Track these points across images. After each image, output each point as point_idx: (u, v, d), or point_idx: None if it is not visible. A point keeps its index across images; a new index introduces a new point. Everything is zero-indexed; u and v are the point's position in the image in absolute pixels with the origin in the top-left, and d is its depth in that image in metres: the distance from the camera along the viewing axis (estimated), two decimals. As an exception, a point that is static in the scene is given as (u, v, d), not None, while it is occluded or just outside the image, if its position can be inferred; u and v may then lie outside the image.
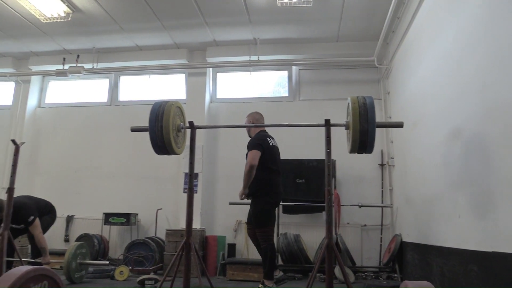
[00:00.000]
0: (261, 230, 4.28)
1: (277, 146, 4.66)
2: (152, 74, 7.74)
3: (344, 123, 3.18)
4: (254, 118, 4.73)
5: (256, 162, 4.23)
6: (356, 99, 3.00)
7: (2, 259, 3.95)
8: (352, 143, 2.99)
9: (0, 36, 7.14)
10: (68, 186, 7.55)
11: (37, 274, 1.77)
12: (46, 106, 8.20)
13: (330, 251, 2.90)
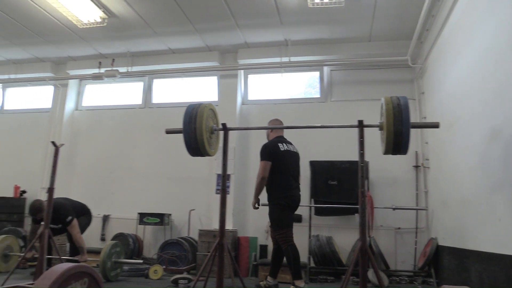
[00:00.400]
0: (279, 233, 4.43)
1: (293, 151, 4.79)
2: (184, 76, 7.85)
3: (377, 124, 3.13)
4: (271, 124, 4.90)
5: (266, 174, 4.45)
6: (390, 100, 2.95)
7: (43, 256, 4.11)
8: (386, 145, 2.94)
9: (40, 42, 7.42)
10: (104, 186, 7.76)
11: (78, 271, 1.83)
12: (83, 108, 8.46)
13: (364, 254, 2.86)
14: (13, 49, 7.79)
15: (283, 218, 4.48)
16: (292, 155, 4.72)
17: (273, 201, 4.51)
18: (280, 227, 4.44)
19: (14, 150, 8.54)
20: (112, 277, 5.14)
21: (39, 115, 8.56)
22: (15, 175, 8.21)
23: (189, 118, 3.11)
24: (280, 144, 4.64)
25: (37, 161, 8.09)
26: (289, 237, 4.42)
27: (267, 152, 4.55)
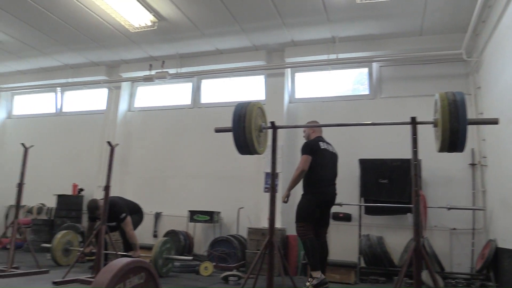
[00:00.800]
0: (299, 225, 4.59)
1: (332, 151, 4.91)
2: (232, 76, 7.94)
3: (432, 120, 3.02)
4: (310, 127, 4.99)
5: (306, 167, 4.59)
6: (445, 96, 2.84)
7: (100, 251, 4.30)
8: (442, 142, 2.83)
9: (95, 47, 7.77)
10: (155, 185, 8.00)
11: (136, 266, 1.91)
12: (135, 110, 8.76)
13: (418, 254, 2.78)
14: (70, 54, 8.21)
15: (305, 211, 4.64)
16: (331, 155, 4.86)
17: (305, 195, 4.69)
18: (299, 220, 4.62)
19: (72, 150, 8.99)
20: (163, 273, 5.30)
21: (94, 117, 8.96)
22: (73, 174, 8.64)
23: (238, 117, 3.14)
24: (320, 143, 4.80)
25: (93, 161, 8.48)
26: (307, 231, 4.57)
27: (309, 147, 4.72)
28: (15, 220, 5.02)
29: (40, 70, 9.15)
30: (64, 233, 6.03)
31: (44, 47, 7.96)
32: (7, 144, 9.73)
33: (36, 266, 5.09)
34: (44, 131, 9.38)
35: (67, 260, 5.96)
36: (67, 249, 5.99)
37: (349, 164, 6.62)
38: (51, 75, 9.09)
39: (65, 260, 5.95)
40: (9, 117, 10.11)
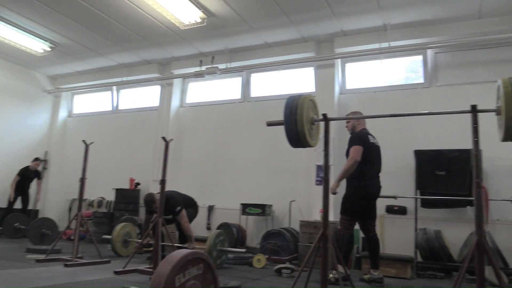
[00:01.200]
0: (342, 217, 4.61)
1: (378, 145, 4.87)
2: (281, 69, 7.92)
3: (494, 108, 2.86)
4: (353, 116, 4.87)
5: (359, 157, 4.54)
6: (508, 81, 2.67)
7: (158, 243, 4.45)
8: (505, 131, 2.67)
9: (147, 45, 8.01)
10: (208, 178, 8.16)
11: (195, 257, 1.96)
12: (187, 105, 8.96)
13: (480, 249, 2.65)
14: (124, 53, 8.52)
15: (350, 204, 4.62)
16: (377, 149, 4.85)
17: (351, 187, 4.66)
18: (342, 212, 4.64)
19: (128, 146, 9.37)
20: (217, 265, 5.41)
21: (148, 113, 9.27)
22: (130, 169, 9.01)
23: (290, 110, 3.12)
24: (369, 136, 4.79)
25: (148, 156, 8.78)
26: (349, 225, 4.57)
27: (360, 139, 4.68)
28: (78, 213, 5.30)
29: (97, 70, 9.58)
30: (123, 225, 6.30)
31: (100, 48, 8.31)
32: (68, 142, 10.29)
33: (99, 256, 5.36)
34: (102, 128, 9.83)
35: (126, 251, 6.23)
36: (126, 240, 6.26)
37: (404, 156, 6.44)
38: (107, 75, 9.50)
39: (125, 251, 6.22)
40: (69, 115, 10.67)
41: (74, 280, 3.93)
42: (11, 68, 9.47)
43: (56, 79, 10.40)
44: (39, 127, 10.19)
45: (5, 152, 9.30)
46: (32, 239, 6.65)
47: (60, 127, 10.44)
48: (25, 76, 9.83)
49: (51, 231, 6.89)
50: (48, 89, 10.30)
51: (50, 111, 10.47)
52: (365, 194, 4.67)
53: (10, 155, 9.34)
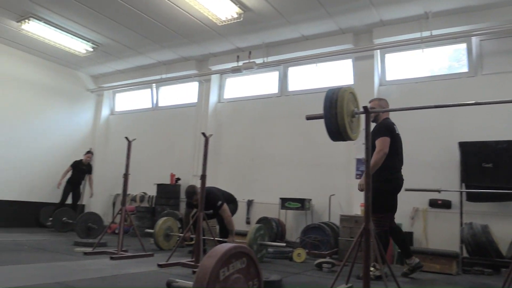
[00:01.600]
0: (375, 216, 4.25)
1: (400, 135, 4.72)
2: (318, 62, 7.83)
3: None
4: (380, 105, 4.74)
5: (387, 149, 4.36)
6: None
7: (199, 237, 4.52)
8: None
9: (185, 43, 8.12)
10: (246, 173, 8.20)
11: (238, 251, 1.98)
12: (225, 101, 9.03)
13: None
14: (162, 51, 8.69)
15: (385, 200, 4.43)
16: (401, 139, 4.73)
17: (378, 181, 4.28)
18: (379, 211, 4.36)
19: (168, 142, 9.56)
20: (258, 259, 5.42)
21: (187, 109, 9.42)
22: (170, 164, 9.20)
23: (330, 103, 3.08)
24: (395, 126, 4.65)
25: (188, 151, 8.94)
26: (385, 222, 4.40)
27: (388, 129, 4.53)
28: (122, 207, 5.45)
29: (137, 69, 9.82)
30: (164, 219, 6.44)
31: (140, 47, 8.50)
32: (110, 139, 10.63)
33: (142, 249, 5.51)
34: (142, 125, 10.08)
35: (168, 245, 6.37)
36: (167, 234, 6.40)
37: (448, 148, 6.24)
38: (147, 72, 9.72)
39: (166, 244, 6.36)
40: (111, 113, 11.00)
41: (121, 272, 4.06)
42: (56, 69, 9.86)
43: (98, 78, 10.74)
44: (83, 125, 10.57)
45: (52, 150, 9.71)
46: (79, 232, 6.91)
47: (103, 124, 10.79)
48: (69, 76, 10.21)
49: (97, 225, 7.13)
50: (91, 88, 10.67)
51: (93, 109, 10.84)
52: (396, 188, 4.56)
53: (56, 152, 9.75)
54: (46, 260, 4.61)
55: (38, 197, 9.30)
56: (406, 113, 6.61)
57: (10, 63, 9.00)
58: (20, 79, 9.17)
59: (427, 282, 4.55)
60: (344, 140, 3.25)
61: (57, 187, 8.91)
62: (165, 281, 3.41)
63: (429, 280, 4.65)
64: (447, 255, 5.27)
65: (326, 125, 3.12)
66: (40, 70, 9.56)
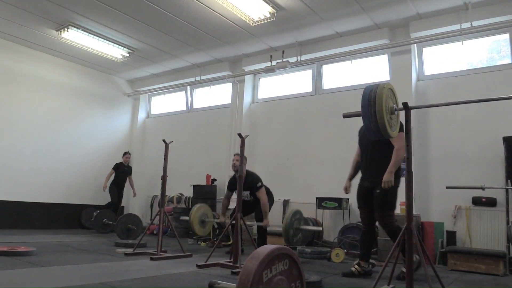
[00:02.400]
0: (390, 213, 4.33)
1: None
2: (353, 59, 7.70)
3: None
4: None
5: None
6: None
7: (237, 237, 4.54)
8: None
9: (218, 44, 8.19)
10: (282, 172, 8.18)
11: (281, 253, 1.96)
12: (259, 101, 9.04)
13: None
14: (196, 54, 8.79)
15: (396, 198, 4.40)
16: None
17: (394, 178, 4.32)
18: (392, 208, 4.39)
19: (203, 143, 9.67)
20: (295, 243, 5.47)
21: (221, 111, 9.50)
22: (206, 165, 9.30)
23: (368, 100, 3.01)
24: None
25: (223, 152, 9.01)
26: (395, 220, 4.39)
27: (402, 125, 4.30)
28: (161, 209, 5.55)
29: (172, 72, 9.98)
30: (198, 206, 6.35)
31: (174, 50, 8.64)
32: (147, 141, 10.86)
33: (181, 250, 5.59)
34: (178, 127, 10.24)
35: (204, 231, 6.34)
36: (203, 220, 6.36)
37: (491, 143, 6.02)
38: (181, 75, 9.86)
39: (202, 230, 6.31)
40: (148, 116, 11.23)
41: (161, 273, 4.13)
42: (93, 75, 10.17)
43: (134, 83, 10.99)
44: (120, 129, 10.84)
45: (91, 153, 10.00)
46: (119, 233, 7.09)
47: (139, 127, 11.03)
48: (107, 81, 10.51)
49: (136, 226, 7.29)
50: (127, 92, 10.93)
51: (130, 113, 11.10)
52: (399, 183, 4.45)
53: (95, 156, 10.05)
54: (89, 261, 4.75)
55: (79, 199, 9.61)
56: (446, 109, 6.44)
57: (50, 71, 9.34)
58: (59, 85, 9.50)
59: (473, 283, 4.40)
60: (384, 138, 3.18)
61: (102, 190, 9.15)
62: (205, 282, 3.44)
63: (475, 282, 4.49)
64: (493, 255, 5.07)
65: (364, 123, 3.06)
66: (79, 76, 9.87)
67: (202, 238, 7.38)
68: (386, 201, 4.38)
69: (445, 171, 6.44)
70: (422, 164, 6.63)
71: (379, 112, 2.97)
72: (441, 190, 6.13)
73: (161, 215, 5.51)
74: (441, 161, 6.54)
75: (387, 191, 4.31)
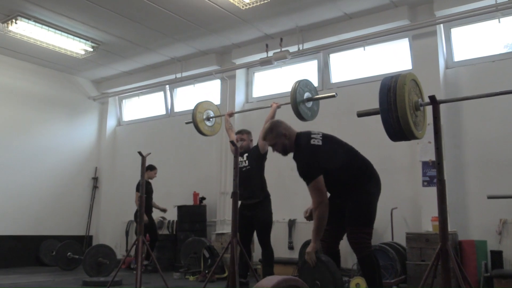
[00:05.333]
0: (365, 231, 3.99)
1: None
2: (366, 45, 7.75)
3: None
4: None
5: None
6: None
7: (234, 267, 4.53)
8: None
9: (202, 34, 8.24)
10: (286, 186, 8.06)
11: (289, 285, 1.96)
12: (254, 100, 9.07)
13: None
14: (176, 46, 8.84)
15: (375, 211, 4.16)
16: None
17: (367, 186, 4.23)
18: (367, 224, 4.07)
19: (188, 155, 9.66)
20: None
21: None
22: (192, 182, 9.34)
23: (387, 94, 3.03)
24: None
25: (213, 165, 9.04)
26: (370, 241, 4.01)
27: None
28: (139, 237, 5.51)
29: (147, 68, 10.02)
30: (197, 104, 6.70)
31: (148, 42, 8.68)
32: (119, 154, 10.87)
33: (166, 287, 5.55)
34: (157, 136, 10.24)
35: (213, 129, 6.80)
36: (208, 118, 6.70)
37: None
38: (158, 72, 9.92)
39: (211, 129, 6.75)
40: (119, 124, 11.25)
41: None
42: (50, 75, 10.17)
43: (101, 83, 11.02)
44: (86, 140, 10.84)
45: (51, 172, 9.96)
46: (88, 270, 7.05)
47: (109, 138, 11.04)
48: (67, 82, 10.52)
49: (109, 259, 7.26)
50: (93, 95, 10.95)
51: (97, 120, 11.12)
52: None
53: (56, 175, 10.02)
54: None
55: (37, 230, 9.55)
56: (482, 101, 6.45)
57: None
58: (7, 89, 9.46)
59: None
60: (408, 139, 3.20)
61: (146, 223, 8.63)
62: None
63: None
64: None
65: (384, 122, 3.08)
66: (31, 77, 9.87)
67: (190, 271, 7.35)
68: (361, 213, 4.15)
69: (485, 178, 6.45)
70: (456, 170, 6.65)
71: (401, 109, 2.99)
72: (481, 201, 6.12)
73: (139, 245, 5.47)
74: (479, 166, 6.56)
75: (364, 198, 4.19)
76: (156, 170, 8.76)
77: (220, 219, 8.61)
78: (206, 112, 6.50)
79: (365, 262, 3.95)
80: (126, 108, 11.34)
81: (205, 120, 6.45)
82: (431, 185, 6.48)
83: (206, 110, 6.52)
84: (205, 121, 6.44)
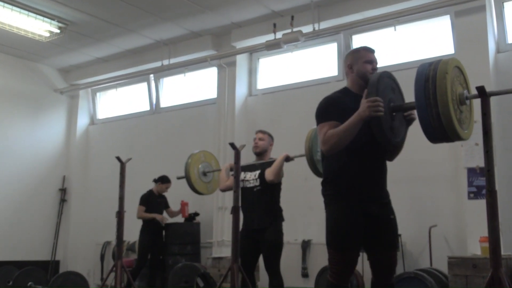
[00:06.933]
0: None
1: None
2: (398, 24, 7.74)
3: None
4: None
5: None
6: None
7: None
8: None
9: (195, 11, 8.24)
10: (298, 199, 8.07)
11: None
12: (258, 93, 9.07)
13: None
14: (163, 26, 8.85)
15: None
16: None
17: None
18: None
19: (176, 160, 9.52)
20: None
21: (203, 110, 9.55)
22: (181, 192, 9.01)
23: (424, 87, 3.02)
24: None
25: (207, 172, 9.00)
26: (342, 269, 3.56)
27: None
28: (117, 261, 5.54)
29: (127, 54, 10.04)
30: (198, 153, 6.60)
31: (128, 22, 8.70)
32: (93, 159, 10.88)
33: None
34: (139, 136, 10.27)
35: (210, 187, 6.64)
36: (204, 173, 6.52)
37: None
38: (141, 59, 9.95)
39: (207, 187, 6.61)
40: (92, 122, 11.29)
41: None
42: (7, 63, 10.18)
43: (69, 73, 11.05)
44: (51, 143, 10.86)
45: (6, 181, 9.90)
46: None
47: (80, 139, 11.06)
48: (28, 71, 10.56)
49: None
50: (60, 88, 10.98)
51: (65, 119, 11.15)
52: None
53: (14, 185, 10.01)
54: None
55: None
56: None
57: None
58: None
59: None
60: (451, 140, 3.20)
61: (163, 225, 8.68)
62: None
63: None
64: None
65: (420, 120, 3.08)
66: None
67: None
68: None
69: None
70: (510, 179, 6.63)
71: (442, 102, 2.98)
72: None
73: (117, 271, 5.50)
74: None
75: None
76: (169, 185, 8.71)
77: (218, 240, 8.55)
78: (203, 165, 6.40)
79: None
80: (100, 103, 11.38)
81: (201, 176, 6.36)
82: (478, 197, 6.45)
83: (202, 163, 6.42)
84: (201, 177, 6.35)
